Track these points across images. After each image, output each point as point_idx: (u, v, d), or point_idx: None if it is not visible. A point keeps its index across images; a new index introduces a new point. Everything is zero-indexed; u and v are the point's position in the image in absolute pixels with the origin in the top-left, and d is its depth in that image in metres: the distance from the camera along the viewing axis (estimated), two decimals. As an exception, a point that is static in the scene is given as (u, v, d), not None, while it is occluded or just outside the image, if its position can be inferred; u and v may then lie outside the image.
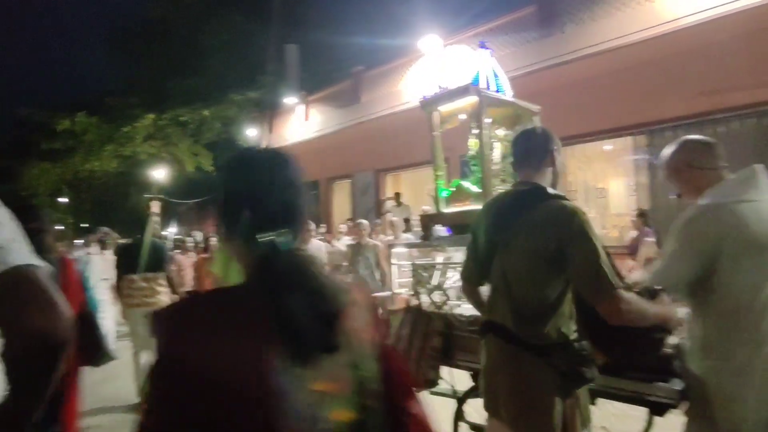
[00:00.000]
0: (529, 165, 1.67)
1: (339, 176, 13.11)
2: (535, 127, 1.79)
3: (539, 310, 1.50)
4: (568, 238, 1.44)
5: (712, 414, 1.54)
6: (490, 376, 1.62)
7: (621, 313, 1.40)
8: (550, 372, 1.46)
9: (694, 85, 6.60)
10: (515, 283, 1.54)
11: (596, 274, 1.41)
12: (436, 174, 2.88)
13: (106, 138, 18.43)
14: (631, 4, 6.68)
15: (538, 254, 1.49)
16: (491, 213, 1.69)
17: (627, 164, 7.62)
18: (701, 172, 1.70)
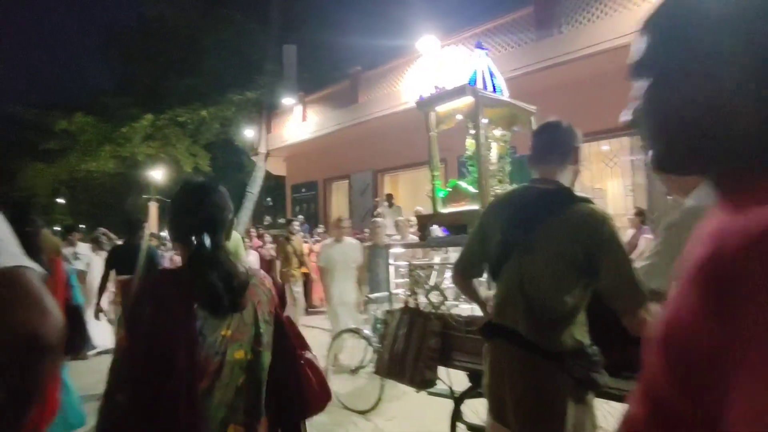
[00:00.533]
0: (551, 161, 1.57)
1: (337, 177, 13.11)
2: (560, 120, 1.65)
3: (557, 316, 1.46)
4: (599, 245, 1.40)
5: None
6: (498, 381, 1.56)
7: (645, 326, 1.35)
8: (564, 378, 1.43)
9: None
10: (534, 288, 1.48)
11: (630, 284, 1.38)
12: (432, 174, 2.88)
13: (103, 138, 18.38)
14: (628, 5, 6.70)
15: (565, 260, 1.44)
16: (509, 210, 1.59)
17: (624, 165, 7.64)
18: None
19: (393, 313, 2.72)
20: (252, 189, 14.92)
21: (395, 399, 4.09)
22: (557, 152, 1.57)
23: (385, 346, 2.63)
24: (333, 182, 13.44)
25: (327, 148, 12.71)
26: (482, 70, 2.90)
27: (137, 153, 18.08)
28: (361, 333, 3.99)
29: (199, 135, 18.16)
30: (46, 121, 17.92)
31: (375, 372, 2.74)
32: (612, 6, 6.87)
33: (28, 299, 0.78)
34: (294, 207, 14.43)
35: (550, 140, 1.60)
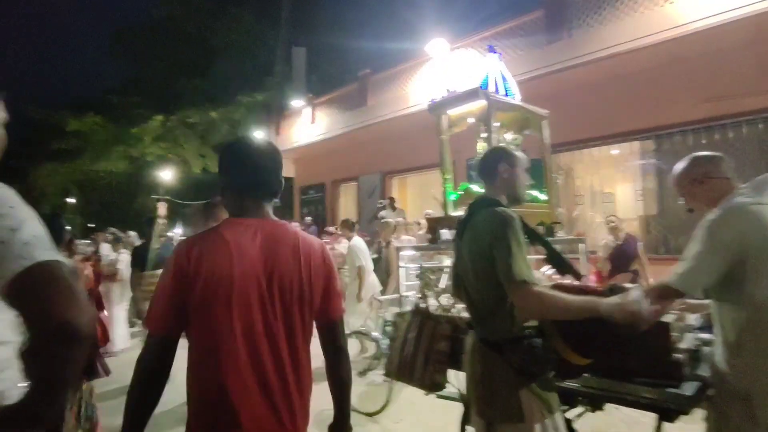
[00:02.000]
0: (483, 181, 1.91)
1: (345, 179, 13.14)
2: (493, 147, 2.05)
3: (488, 306, 1.66)
4: (494, 238, 1.60)
5: (751, 410, 1.57)
6: (467, 368, 1.80)
7: (528, 307, 1.53)
8: (506, 366, 1.60)
9: (701, 90, 6.57)
10: (468, 283, 1.73)
11: (505, 268, 1.54)
12: (444, 177, 2.88)
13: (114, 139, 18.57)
14: (639, 8, 6.66)
15: (479, 255, 1.65)
16: (457, 224, 1.89)
17: (634, 169, 7.59)
18: (715, 182, 1.77)
19: (403, 315, 2.72)
20: (260, 190, 14.97)
21: (404, 401, 4.09)
22: (483, 175, 1.89)
23: (395, 349, 2.63)
24: (341, 184, 13.47)
25: (335, 150, 12.75)
26: (494, 73, 2.90)
27: (147, 153, 18.25)
28: (370, 335, 3.99)
29: (209, 136, 18.30)
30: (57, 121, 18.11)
31: (384, 374, 2.74)
32: (623, 9, 6.83)
33: (64, 291, 0.81)
34: (302, 208, 14.48)
35: (486, 162, 1.91)
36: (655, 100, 7.03)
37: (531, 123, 3.11)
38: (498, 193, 1.83)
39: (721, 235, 1.63)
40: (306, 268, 1.28)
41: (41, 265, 0.83)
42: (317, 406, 1.54)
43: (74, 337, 0.78)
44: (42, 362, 0.79)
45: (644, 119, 7.16)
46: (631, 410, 2.07)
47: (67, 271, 0.85)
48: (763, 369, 1.56)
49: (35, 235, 0.86)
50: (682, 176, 1.86)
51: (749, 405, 1.57)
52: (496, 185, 1.84)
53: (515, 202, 1.85)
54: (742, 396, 1.59)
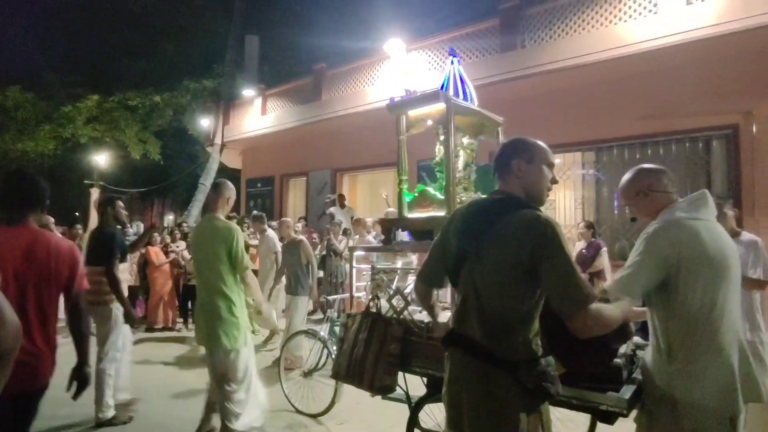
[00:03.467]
0: (499, 176, 1.67)
1: (295, 173, 12.88)
2: (514, 138, 1.74)
3: (509, 323, 1.48)
4: (542, 248, 1.42)
5: (677, 415, 1.65)
6: (455, 389, 1.57)
7: (591, 327, 1.41)
8: (517, 388, 1.44)
9: (639, 107, 7.02)
10: (486, 294, 1.51)
11: (570, 288, 1.39)
12: (400, 178, 2.86)
13: (42, 117, 17.11)
14: (587, 27, 7.00)
15: (510, 265, 1.45)
16: (463, 220, 1.65)
17: (576, 178, 7.98)
18: (658, 195, 1.87)
19: (353, 316, 2.67)
20: (205, 181, 14.37)
21: (349, 403, 4.05)
22: (500, 168, 1.66)
23: (344, 350, 2.58)
24: (291, 179, 13.18)
25: (286, 143, 12.46)
26: (454, 77, 2.92)
27: (80, 135, 16.97)
28: (317, 335, 3.91)
29: (150, 121, 17.30)
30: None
31: (332, 376, 2.68)
32: (573, 27, 7.16)
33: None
34: (249, 202, 14.03)
35: (497, 158, 1.69)
36: (597, 115, 7.43)
37: (487, 128, 3.16)
38: (515, 191, 1.60)
39: (658, 247, 1.72)
40: (54, 260, 1.93)
41: None
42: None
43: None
44: None
45: (587, 132, 7.55)
46: (566, 410, 2.15)
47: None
48: (689, 375, 1.65)
49: None
50: (629, 187, 1.95)
51: (675, 409, 1.66)
52: (511, 182, 1.62)
53: (535, 203, 1.60)
54: (670, 401, 1.67)
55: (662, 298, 1.73)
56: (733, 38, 5.80)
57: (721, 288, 1.68)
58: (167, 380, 4.46)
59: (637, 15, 6.52)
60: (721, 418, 1.63)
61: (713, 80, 6.46)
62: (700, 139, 6.79)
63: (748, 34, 5.70)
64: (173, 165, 19.48)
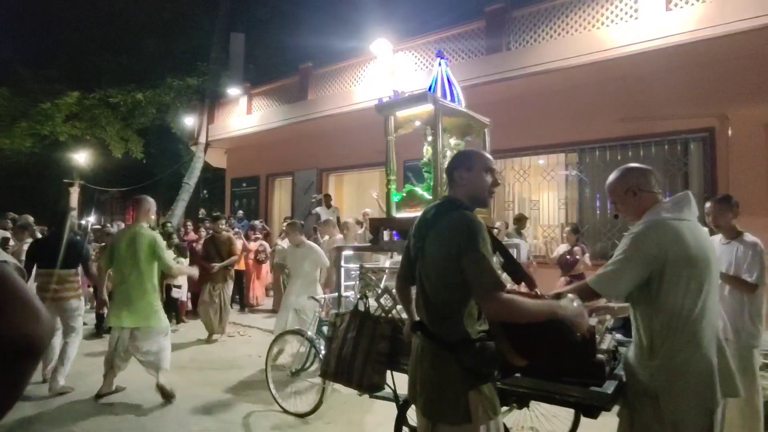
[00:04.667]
0: (448, 183, 1.90)
1: (280, 173, 12.81)
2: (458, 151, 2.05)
3: (447, 308, 1.68)
4: (464, 243, 1.60)
5: (658, 409, 1.72)
6: (413, 367, 1.80)
7: (499, 313, 1.57)
8: (456, 366, 1.62)
9: (620, 110, 7.18)
10: (428, 285, 1.73)
11: (478, 276, 1.56)
12: (388, 178, 2.88)
13: (18, 113, 16.68)
14: (571, 30, 7.13)
15: (443, 259, 1.65)
16: (417, 223, 1.86)
17: (559, 179, 8.11)
18: (645, 195, 1.92)
19: (342, 315, 2.69)
20: (189, 180, 14.20)
21: (336, 402, 4.06)
22: (449, 177, 1.88)
23: (333, 350, 2.60)
24: (276, 178, 13.11)
25: (272, 143, 12.38)
26: (442, 78, 2.95)
27: (59, 132, 16.60)
28: (304, 335, 3.91)
29: (133, 119, 17.01)
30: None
31: (320, 375, 2.70)
32: (558, 30, 7.28)
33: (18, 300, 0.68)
34: (233, 201, 13.91)
35: (447, 167, 1.91)
36: (580, 116, 7.57)
37: (473, 129, 3.20)
38: (458, 197, 1.80)
39: (643, 247, 1.78)
40: None
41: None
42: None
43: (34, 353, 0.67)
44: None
45: (570, 133, 7.68)
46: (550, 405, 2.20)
47: (16, 274, 0.72)
48: (670, 370, 1.72)
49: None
50: (618, 185, 1.98)
51: (657, 403, 1.72)
52: (455, 189, 1.83)
53: (479, 205, 1.82)
54: (652, 395, 1.74)
55: (645, 296, 1.79)
56: (710, 43, 5.97)
57: (704, 287, 1.74)
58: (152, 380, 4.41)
59: (619, 20, 6.66)
60: (701, 411, 1.70)
61: (691, 84, 6.64)
62: (678, 142, 6.98)
63: (725, 40, 5.87)
64: (156, 164, 19.18)
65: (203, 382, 4.76)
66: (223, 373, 5.07)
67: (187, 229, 9.67)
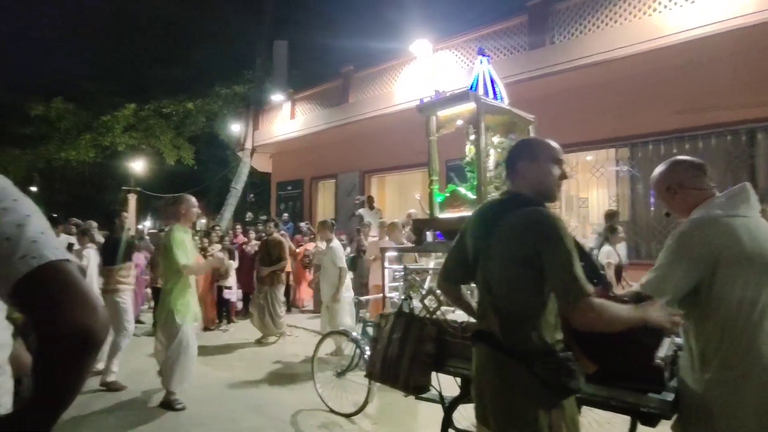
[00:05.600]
0: (509, 177, 1.74)
1: (324, 176, 13.03)
2: (520, 140, 1.84)
3: (521, 316, 1.51)
4: (542, 242, 1.46)
5: (713, 426, 1.57)
6: (479, 383, 1.63)
7: (589, 321, 1.42)
8: (534, 381, 1.45)
9: (676, 101, 6.79)
10: (497, 290, 1.57)
11: (564, 280, 1.42)
12: (431, 179, 2.87)
13: (83, 126, 17.88)
14: (619, 20, 6.83)
15: (517, 260, 1.51)
16: (477, 219, 1.73)
17: (609, 175, 7.78)
18: (691, 191, 1.76)
19: (387, 316, 2.70)
20: (236, 185, 14.73)
21: (382, 403, 4.07)
22: (510, 169, 1.72)
23: (378, 351, 2.60)
24: (319, 181, 13.34)
25: (315, 146, 12.62)
26: (484, 76, 2.91)
27: (118, 143, 17.67)
28: (349, 335, 3.95)
29: (184, 127, 17.85)
30: (23, 106, 17.29)
31: (366, 376, 2.71)
32: (604, 20, 6.99)
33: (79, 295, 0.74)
34: (279, 204, 14.28)
35: (509, 158, 1.75)
36: (631, 109, 7.22)
37: (517, 127, 3.13)
38: (523, 191, 1.64)
39: (691, 247, 1.64)
40: None
41: (52, 265, 0.75)
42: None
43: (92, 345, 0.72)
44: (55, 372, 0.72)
45: (620, 127, 7.35)
46: (603, 411, 2.10)
47: (78, 271, 0.78)
48: (725, 384, 1.55)
49: (42, 231, 0.79)
50: (659, 183, 1.86)
51: (711, 421, 1.57)
52: (519, 183, 1.66)
53: (545, 200, 1.64)
54: (705, 411, 1.59)
55: (695, 299, 1.64)
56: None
57: (763, 290, 1.56)
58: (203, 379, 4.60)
59: (673, 5, 6.30)
60: (760, 429, 1.51)
61: (756, 70, 6.18)
62: (743, 132, 6.51)
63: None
64: (206, 170, 20.02)
65: (252, 380, 4.91)
66: (271, 372, 5.21)
67: (236, 232, 10.01)
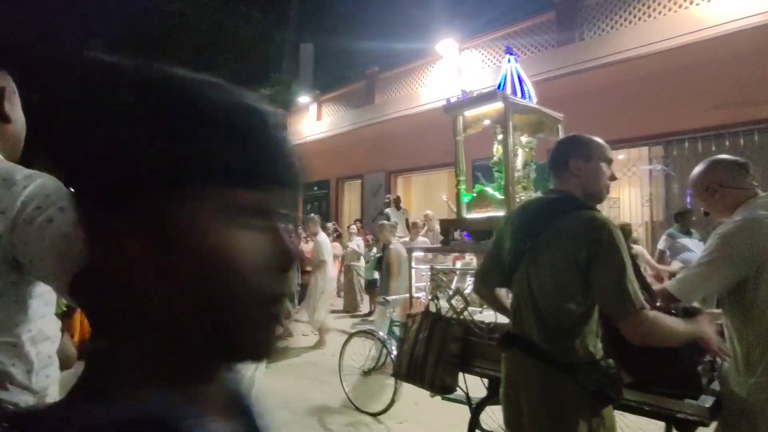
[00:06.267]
0: (554, 174, 1.64)
1: (350, 176, 13.12)
2: (566, 136, 1.75)
3: (566, 324, 1.46)
4: (596, 250, 1.39)
5: (757, 430, 1.53)
6: (513, 391, 1.56)
7: (642, 335, 1.37)
8: (577, 390, 1.41)
9: (713, 96, 6.53)
10: (541, 295, 1.49)
11: (618, 290, 1.36)
12: (458, 179, 2.86)
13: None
14: (653, 14, 6.63)
15: (566, 266, 1.43)
16: (519, 219, 1.64)
17: (641, 174, 7.55)
18: (733, 191, 1.71)
19: (413, 316, 2.70)
20: (264, 185, 14.99)
21: (408, 402, 4.08)
22: (557, 166, 1.62)
23: (405, 350, 2.61)
24: (346, 182, 13.45)
25: (341, 147, 12.73)
26: (511, 74, 2.88)
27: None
28: (376, 335, 3.98)
29: (214, 131, 18.29)
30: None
31: (393, 375, 2.73)
32: (636, 15, 6.80)
33: None
34: (306, 205, 14.47)
35: (552, 155, 1.65)
36: (665, 106, 6.99)
37: (546, 126, 3.08)
38: (573, 190, 1.56)
39: (735, 248, 1.59)
40: None
41: None
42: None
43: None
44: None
45: (653, 125, 7.12)
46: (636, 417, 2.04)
47: None
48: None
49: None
50: (698, 182, 1.81)
51: (755, 422, 1.53)
52: (569, 182, 1.58)
53: (593, 202, 1.57)
54: (749, 415, 1.55)
55: (739, 301, 1.59)
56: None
57: None
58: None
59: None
60: None
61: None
62: (787, 128, 6.22)
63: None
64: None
65: (278, 377, 4.99)
66: (298, 369, 5.29)
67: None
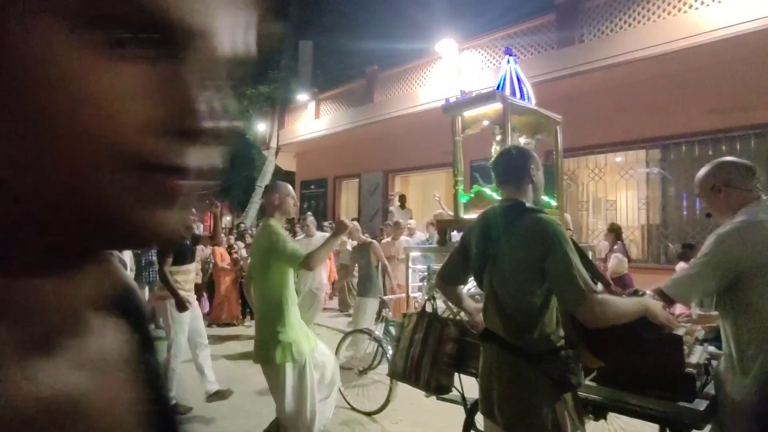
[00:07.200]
0: (510, 183, 1.79)
1: (347, 175, 13.11)
2: (512, 148, 1.95)
3: (526, 318, 1.61)
4: (545, 248, 1.55)
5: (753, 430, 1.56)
6: (487, 380, 1.73)
7: (596, 317, 1.50)
8: (542, 378, 1.56)
9: (710, 100, 6.56)
10: (503, 294, 1.66)
11: (569, 281, 1.50)
12: (456, 179, 2.86)
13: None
14: (652, 17, 6.64)
15: (522, 265, 1.60)
16: (481, 226, 1.80)
17: (638, 177, 7.57)
18: (737, 192, 1.74)
19: (410, 316, 2.70)
20: (261, 183, 14.96)
21: (403, 402, 4.08)
22: (514, 176, 1.78)
23: (401, 350, 2.61)
24: (343, 180, 13.44)
25: (339, 145, 12.72)
26: (511, 75, 2.88)
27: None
28: (372, 334, 3.97)
29: (211, 126, 18.21)
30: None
31: (388, 375, 2.72)
32: (635, 17, 6.81)
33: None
34: (303, 203, 14.45)
35: (505, 167, 1.82)
36: (663, 109, 7.01)
37: (544, 127, 3.08)
38: (525, 197, 1.75)
39: (729, 249, 1.62)
40: None
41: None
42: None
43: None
44: None
45: (651, 128, 7.15)
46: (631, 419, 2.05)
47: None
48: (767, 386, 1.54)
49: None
50: (704, 181, 1.85)
51: (751, 424, 1.56)
52: (525, 188, 1.77)
53: (539, 205, 1.84)
54: (746, 414, 1.57)
55: (734, 301, 1.63)
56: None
57: None
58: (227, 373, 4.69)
59: (711, 1, 6.08)
60: None
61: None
62: (784, 133, 6.25)
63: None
64: (232, 168, 20.43)
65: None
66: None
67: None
